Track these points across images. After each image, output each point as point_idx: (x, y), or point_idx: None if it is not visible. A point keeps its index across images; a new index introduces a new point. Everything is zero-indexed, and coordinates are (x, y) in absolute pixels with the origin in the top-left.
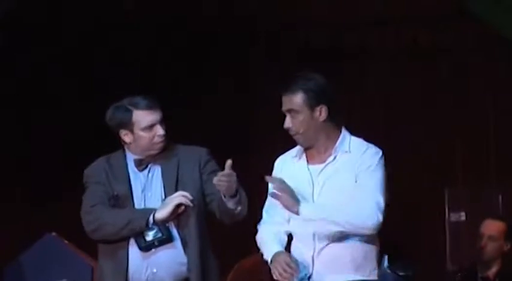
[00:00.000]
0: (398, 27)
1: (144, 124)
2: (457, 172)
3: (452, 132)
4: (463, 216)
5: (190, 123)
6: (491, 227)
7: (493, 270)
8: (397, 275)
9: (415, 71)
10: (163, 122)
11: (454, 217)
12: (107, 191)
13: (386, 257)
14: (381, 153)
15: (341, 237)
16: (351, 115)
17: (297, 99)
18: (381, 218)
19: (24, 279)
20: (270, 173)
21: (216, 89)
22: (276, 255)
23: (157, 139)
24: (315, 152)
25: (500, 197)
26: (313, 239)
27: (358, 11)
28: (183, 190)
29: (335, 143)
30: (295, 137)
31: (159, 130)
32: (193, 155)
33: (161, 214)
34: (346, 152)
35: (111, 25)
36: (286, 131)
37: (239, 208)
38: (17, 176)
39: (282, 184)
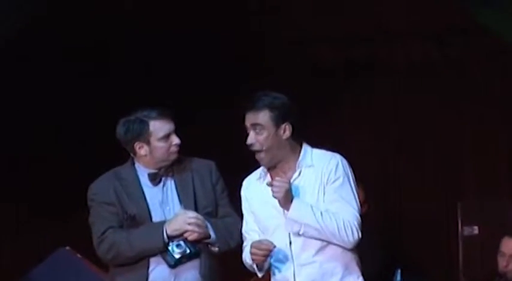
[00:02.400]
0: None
1: (162, 134)
2: (469, 186)
3: (463, 145)
4: (475, 230)
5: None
6: None
7: None
8: None
9: (424, 86)
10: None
11: (466, 230)
12: (116, 212)
13: (399, 271)
14: (343, 160)
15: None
16: (361, 129)
17: (262, 116)
18: (359, 233)
19: None
20: None
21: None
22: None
23: (173, 148)
24: (279, 171)
25: None
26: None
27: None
28: (200, 202)
29: (297, 159)
30: (258, 155)
31: (175, 139)
32: (203, 167)
33: (174, 231)
34: (309, 166)
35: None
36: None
37: (216, 249)
38: (30, 189)
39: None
